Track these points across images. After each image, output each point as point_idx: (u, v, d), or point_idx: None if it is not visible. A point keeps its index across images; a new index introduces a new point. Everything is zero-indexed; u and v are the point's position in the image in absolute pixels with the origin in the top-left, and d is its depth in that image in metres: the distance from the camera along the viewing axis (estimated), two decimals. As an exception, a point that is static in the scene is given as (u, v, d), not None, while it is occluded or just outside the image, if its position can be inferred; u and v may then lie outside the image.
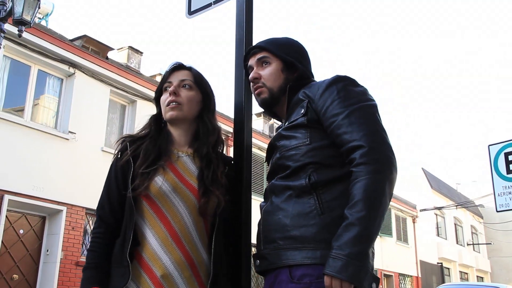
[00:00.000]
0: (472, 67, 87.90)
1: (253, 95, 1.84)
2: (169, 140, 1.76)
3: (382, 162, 1.44)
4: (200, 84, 1.81)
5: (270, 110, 1.83)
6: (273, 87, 1.74)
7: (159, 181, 1.63)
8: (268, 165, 1.76)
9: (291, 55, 1.77)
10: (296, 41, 1.85)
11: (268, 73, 1.75)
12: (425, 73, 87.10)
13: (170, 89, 1.75)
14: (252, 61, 1.80)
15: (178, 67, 1.82)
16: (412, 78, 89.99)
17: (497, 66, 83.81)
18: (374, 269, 1.52)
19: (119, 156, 1.74)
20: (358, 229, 1.36)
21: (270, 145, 1.74)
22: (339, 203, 1.47)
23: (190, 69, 1.83)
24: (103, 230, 1.66)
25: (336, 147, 1.54)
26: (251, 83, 1.79)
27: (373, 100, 1.60)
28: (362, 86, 1.64)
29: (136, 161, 1.67)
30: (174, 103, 1.73)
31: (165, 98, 1.77)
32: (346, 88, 1.59)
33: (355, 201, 1.39)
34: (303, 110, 1.62)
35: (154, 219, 1.62)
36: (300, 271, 1.44)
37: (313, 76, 1.81)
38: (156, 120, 1.81)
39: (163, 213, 1.63)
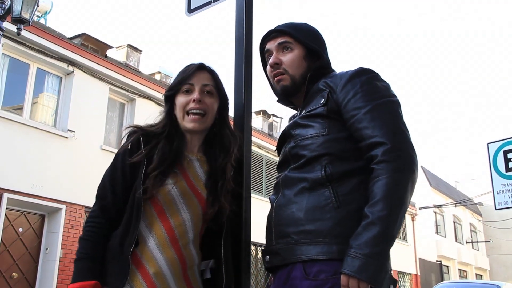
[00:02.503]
0: (471, 65, 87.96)
1: (271, 81, 1.76)
2: (183, 143, 1.72)
3: (404, 161, 1.40)
4: (220, 90, 1.76)
5: (286, 99, 1.77)
6: (295, 75, 1.67)
7: (170, 186, 1.61)
8: (278, 154, 1.71)
9: (314, 42, 1.70)
10: (315, 29, 1.77)
11: (290, 59, 1.67)
12: (424, 70, 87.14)
13: (195, 96, 1.67)
14: (271, 45, 1.72)
15: (200, 67, 1.74)
16: (411, 75, 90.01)
17: (497, 63, 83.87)
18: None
19: (128, 147, 1.66)
20: (378, 228, 1.32)
21: (283, 133, 1.68)
22: (354, 197, 1.44)
23: (212, 72, 1.76)
24: (103, 221, 1.61)
25: (353, 140, 1.49)
26: (270, 68, 1.71)
27: (396, 97, 1.55)
28: (385, 81, 1.58)
29: (150, 160, 1.62)
30: (198, 111, 1.67)
31: (185, 101, 1.69)
32: (370, 81, 1.53)
33: (376, 200, 1.35)
34: (323, 100, 1.56)
35: (156, 221, 1.61)
36: (316, 267, 1.40)
37: (331, 66, 1.74)
38: (172, 120, 1.73)
39: (166, 216, 1.61)
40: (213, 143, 1.76)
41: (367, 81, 1.53)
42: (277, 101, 1.81)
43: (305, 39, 1.69)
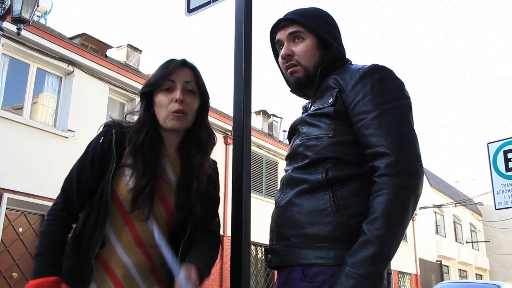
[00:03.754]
0: (472, 65, 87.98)
1: (284, 72, 1.71)
2: (163, 147, 1.69)
3: (408, 176, 1.34)
4: (201, 88, 1.71)
5: (301, 91, 1.72)
6: (309, 66, 1.61)
7: None
8: (289, 143, 1.69)
9: (326, 30, 1.63)
10: (326, 12, 1.70)
11: (302, 49, 1.61)
12: (425, 70, 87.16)
13: (177, 96, 1.62)
14: (281, 35, 1.65)
15: (183, 63, 1.68)
16: (411, 75, 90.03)
17: (497, 64, 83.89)
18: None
19: (100, 141, 1.64)
20: (375, 248, 1.28)
21: (292, 127, 1.65)
22: (355, 201, 1.41)
23: (194, 69, 1.71)
24: (65, 215, 1.58)
25: (359, 144, 1.45)
26: (282, 60, 1.66)
27: (409, 98, 1.49)
28: (399, 80, 1.51)
29: (119, 158, 1.59)
30: (181, 113, 1.63)
31: (167, 101, 1.64)
32: (381, 81, 1.46)
33: (375, 217, 1.31)
34: (331, 99, 1.50)
35: (121, 224, 1.59)
36: (314, 269, 1.39)
37: (345, 53, 1.68)
38: (153, 120, 1.67)
39: (132, 221, 1.59)
40: (188, 143, 1.72)
41: (378, 81, 1.46)
42: (290, 91, 1.77)
43: (316, 27, 1.62)
